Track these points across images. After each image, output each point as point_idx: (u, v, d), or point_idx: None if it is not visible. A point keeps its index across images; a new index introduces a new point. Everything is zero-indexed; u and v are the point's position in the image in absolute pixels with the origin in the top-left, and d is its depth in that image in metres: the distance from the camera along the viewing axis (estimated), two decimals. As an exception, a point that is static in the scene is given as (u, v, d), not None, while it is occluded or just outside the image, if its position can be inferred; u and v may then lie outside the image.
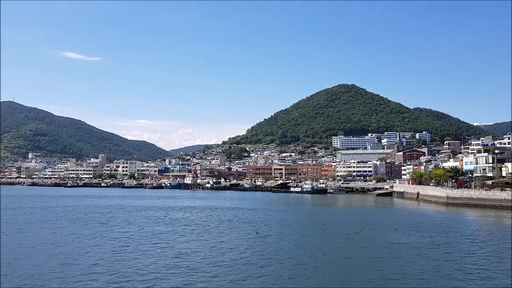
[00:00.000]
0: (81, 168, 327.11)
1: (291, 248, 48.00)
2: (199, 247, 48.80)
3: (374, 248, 48.16)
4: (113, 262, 40.24)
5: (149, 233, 59.81)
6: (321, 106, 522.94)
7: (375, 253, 44.91)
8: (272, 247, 48.78)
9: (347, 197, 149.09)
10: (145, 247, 48.20)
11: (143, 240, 53.19)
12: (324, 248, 48.30)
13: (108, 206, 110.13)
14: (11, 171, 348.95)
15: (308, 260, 41.90)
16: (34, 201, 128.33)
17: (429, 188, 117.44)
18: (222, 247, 48.89)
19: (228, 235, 58.02)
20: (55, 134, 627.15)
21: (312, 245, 50.59)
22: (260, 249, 47.18)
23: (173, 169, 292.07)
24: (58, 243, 50.77)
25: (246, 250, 46.89)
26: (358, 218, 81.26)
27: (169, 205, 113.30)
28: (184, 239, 54.33)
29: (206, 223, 71.94)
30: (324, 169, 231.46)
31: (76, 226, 67.67)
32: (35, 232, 60.20)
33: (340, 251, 46.65)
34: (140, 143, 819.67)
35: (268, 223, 71.11)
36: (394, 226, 67.31)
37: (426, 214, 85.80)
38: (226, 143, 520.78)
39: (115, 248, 47.45)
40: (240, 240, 53.96)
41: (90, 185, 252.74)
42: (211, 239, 54.84)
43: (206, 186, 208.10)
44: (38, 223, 71.08)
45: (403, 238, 55.02)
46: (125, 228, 65.27)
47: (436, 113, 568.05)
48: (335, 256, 43.94)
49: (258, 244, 50.52)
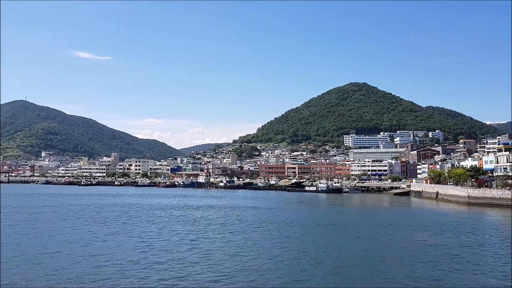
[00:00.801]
0: (94, 166, 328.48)
1: (321, 249, 47.01)
2: (224, 247, 47.96)
3: (405, 249, 46.98)
4: (139, 262, 39.57)
5: (171, 232, 59.13)
6: (332, 105, 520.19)
7: (406, 254, 43.72)
8: (301, 248, 47.79)
9: (363, 196, 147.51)
10: (169, 247, 47.48)
11: (166, 240, 52.51)
12: (354, 249, 47.15)
13: (125, 204, 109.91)
14: (24, 170, 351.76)
15: (343, 261, 40.89)
16: (51, 199, 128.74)
17: (449, 187, 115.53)
18: (248, 247, 47.99)
19: (250, 235, 57.12)
20: (67, 133, 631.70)
21: (341, 246, 49.45)
22: (288, 250, 46.15)
23: (186, 168, 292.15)
24: (82, 243, 50.26)
25: (273, 250, 45.97)
26: (379, 218, 79.94)
27: (185, 204, 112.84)
28: (208, 239, 53.49)
29: (226, 222, 71.13)
30: (338, 168, 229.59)
31: (97, 225, 67.25)
32: (57, 231, 59.82)
33: (370, 252, 45.48)
34: (150, 142, 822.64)
35: (289, 223, 70.12)
36: (418, 226, 66.04)
37: (449, 214, 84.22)
38: (237, 142, 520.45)
39: (140, 248, 46.79)
40: (265, 241, 53.00)
41: (104, 183, 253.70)
42: (235, 239, 53.94)
43: (220, 185, 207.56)
44: (59, 222, 70.79)
45: (431, 239, 53.73)
46: (146, 227, 64.68)
47: (449, 111, 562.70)
48: (367, 258, 42.78)
49: (285, 245, 49.52)
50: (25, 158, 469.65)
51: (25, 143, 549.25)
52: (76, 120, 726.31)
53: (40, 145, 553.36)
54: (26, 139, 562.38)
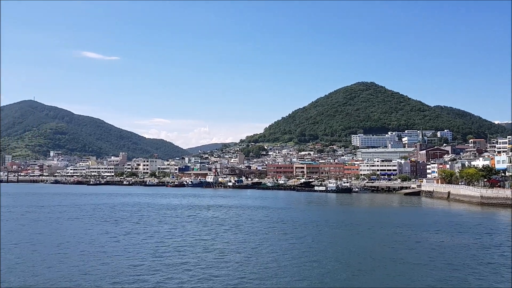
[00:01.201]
0: (102, 166, 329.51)
1: (340, 250, 46.58)
2: (240, 248, 47.64)
3: (424, 250, 46.42)
4: (155, 262, 39.33)
5: (184, 232, 58.91)
6: (339, 104, 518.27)
7: (426, 256, 43.17)
8: (319, 248, 47.42)
9: (373, 196, 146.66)
10: (185, 248, 47.20)
11: (182, 240, 52.21)
12: (373, 251, 46.57)
13: (135, 204, 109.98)
14: (33, 169, 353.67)
15: (365, 262, 40.45)
16: (61, 199, 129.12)
17: (461, 187, 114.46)
18: (265, 247, 47.63)
19: (265, 235, 56.75)
20: (75, 133, 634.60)
21: (359, 247, 48.86)
22: (308, 251, 45.75)
23: (194, 168, 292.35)
24: (98, 244, 50.13)
25: (292, 251, 45.58)
26: (393, 218, 79.20)
27: (195, 204, 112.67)
28: (224, 240, 53.19)
29: (238, 222, 70.75)
30: (347, 168, 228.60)
31: (111, 225, 67.17)
32: (72, 231, 59.80)
33: (390, 253, 44.93)
34: (157, 142, 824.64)
35: (303, 224, 69.69)
36: (433, 226, 65.37)
37: (463, 214, 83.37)
38: (244, 141, 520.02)
39: (157, 248, 46.53)
40: (282, 241, 52.57)
41: (112, 183, 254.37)
42: (251, 239, 53.61)
43: (228, 185, 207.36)
44: (73, 222, 70.83)
45: (448, 240, 53.13)
46: (159, 227, 64.45)
47: (457, 111, 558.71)
48: (388, 259, 42.26)
49: (303, 246, 49.16)
50: (34, 157, 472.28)
51: (33, 142, 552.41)
52: (84, 120, 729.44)
53: (48, 145, 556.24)
54: (34, 139, 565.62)
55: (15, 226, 64.20)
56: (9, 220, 72.21)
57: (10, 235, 54.74)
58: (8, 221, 70.73)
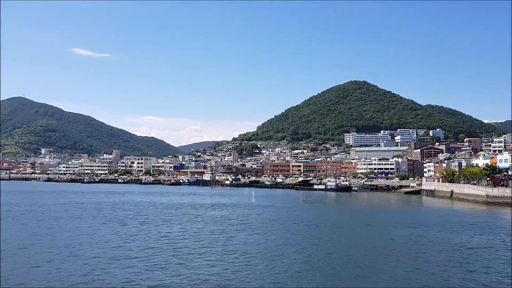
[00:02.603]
0: (95, 164, 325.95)
1: (362, 251, 45.69)
2: (261, 249, 46.51)
3: (445, 252, 45.61)
4: (183, 266, 38.14)
5: (197, 233, 57.53)
6: (332, 103, 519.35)
7: (448, 258, 42.41)
8: (342, 249, 46.49)
9: (373, 195, 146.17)
10: (204, 248, 45.99)
11: (197, 241, 50.88)
12: (397, 252, 45.70)
13: (137, 203, 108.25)
14: (25, 167, 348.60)
15: (394, 265, 39.58)
16: (58, 197, 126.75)
17: (465, 186, 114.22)
18: (287, 248, 46.59)
19: (281, 235, 55.76)
20: (65, 130, 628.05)
21: (381, 248, 47.92)
22: (333, 252, 44.81)
23: (188, 166, 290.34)
24: (110, 245, 48.70)
25: (319, 252, 44.62)
26: (403, 217, 78.47)
27: (198, 202, 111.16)
28: (239, 240, 51.94)
29: (250, 222, 69.36)
30: (344, 166, 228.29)
31: (118, 225, 65.57)
32: (80, 231, 58.22)
33: (413, 255, 44.06)
34: (149, 140, 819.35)
35: (315, 224, 68.90)
36: (447, 226, 64.67)
37: (473, 214, 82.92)
38: (237, 139, 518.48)
39: (173, 249, 45.29)
40: (303, 241, 51.62)
41: (107, 181, 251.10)
42: (267, 240, 52.55)
43: (226, 183, 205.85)
44: (77, 222, 69.14)
45: (466, 240, 52.40)
46: (169, 227, 62.99)
47: (448, 110, 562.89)
48: (415, 261, 41.39)
49: (326, 247, 48.25)
50: (24, 155, 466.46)
51: (23, 140, 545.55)
52: (75, 117, 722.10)
53: (38, 142, 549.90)
54: (24, 136, 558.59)
55: (19, 226, 62.18)
56: (11, 219, 70.28)
57: (16, 236, 53.05)
58: (11, 220, 68.85)
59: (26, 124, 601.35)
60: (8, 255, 41.38)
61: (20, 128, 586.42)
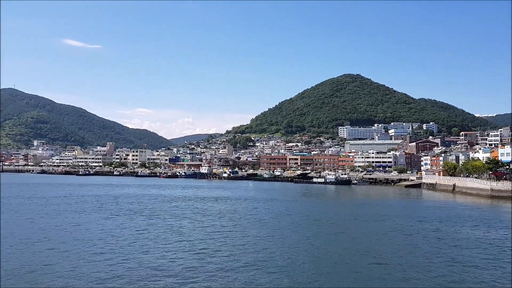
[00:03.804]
0: (89, 156, 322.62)
1: (385, 248, 44.85)
2: (285, 247, 45.47)
3: (473, 249, 44.95)
4: (209, 265, 37.01)
5: (209, 227, 56.30)
6: (326, 96, 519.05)
7: (478, 255, 41.71)
8: (367, 244, 45.61)
9: (374, 188, 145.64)
10: (220, 243, 44.91)
11: (212, 236, 49.76)
12: (420, 249, 44.94)
13: (138, 195, 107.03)
14: (18, 159, 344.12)
15: (426, 263, 38.79)
16: (56, 190, 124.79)
17: (468, 180, 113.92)
18: (309, 243, 45.66)
19: (300, 231, 54.83)
20: (57, 122, 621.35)
21: (405, 245, 47.16)
22: (366, 252, 43.88)
23: (184, 158, 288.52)
24: (123, 240, 47.40)
25: (340, 247, 43.71)
26: (412, 211, 77.91)
27: (200, 196, 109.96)
28: (255, 235, 50.88)
29: (258, 216, 68.14)
30: (341, 160, 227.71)
31: (125, 218, 64.32)
32: (87, 225, 56.84)
33: (438, 251, 43.31)
34: (141, 132, 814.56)
35: (328, 219, 68.26)
36: (459, 220, 64.03)
37: (481, 208, 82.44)
38: (230, 132, 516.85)
39: (191, 245, 44.11)
40: (323, 236, 50.71)
41: (102, 173, 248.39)
42: (287, 235, 51.63)
43: (223, 176, 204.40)
44: (84, 215, 67.73)
45: (483, 234, 51.82)
46: (179, 221, 61.63)
47: (441, 103, 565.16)
48: (441, 259, 40.62)
49: (350, 244, 47.36)
50: (15, 147, 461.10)
51: (14, 131, 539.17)
52: (66, 109, 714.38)
53: (29, 134, 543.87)
54: (15, 128, 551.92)
55: (24, 221, 60.34)
56: (14, 213, 68.63)
57: (24, 232, 51.52)
58: (13, 214, 67.18)
59: (17, 116, 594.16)
60: (19, 252, 39.98)
61: (11, 120, 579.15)
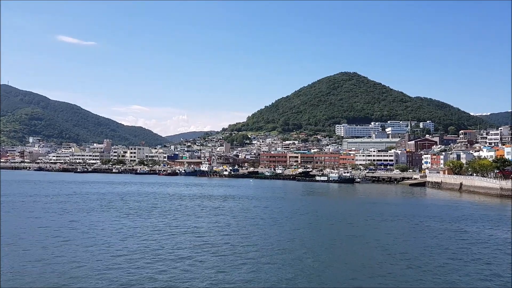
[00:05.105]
0: (87, 153, 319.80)
1: (416, 249, 43.67)
2: (304, 246, 44.16)
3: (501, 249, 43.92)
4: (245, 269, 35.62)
5: (226, 227, 54.42)
6: (323, 94, 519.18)
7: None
8: (397, 247, 44.42)
9: (377, 187, 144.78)
10: (240, 244, 43.38)
11: (232, 238, 48.01)
12: (447, 251, 43.81)
13: (142, 194, 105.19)
14: (13, 155, 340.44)
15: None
16: (58, 187, 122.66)
17: (476, 178, 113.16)
18: (328, 246, 44.42)
19: (311, 230, 53.55)
20: (51, 119, 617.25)
21: (428, 244, 46.04)
22: (385, 251, 42.68)
23: (182, 156, 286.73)
24: (138, 241, 45.87)
25: (371, 248, 42.49)
26: (424, 210, 76.57)
27: (206, 194, 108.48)
28: (275, 235, 49.48)
29: (272, 216, 66.39)
30: (342, 158, 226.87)
31: (137, 217, 62.37)
32: (101, 224, 55.07)
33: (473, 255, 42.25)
34: (136, 129, 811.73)
35: (343, 218, 66.97)
36: (479, 220, 63.00)
37: (493, 207, 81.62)
38: (227, 130, 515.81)
39: (215, 248, 42.60)
40: (348, 238, 49.44)
41: (100, 170, 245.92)
42: (302, 236, 50.27)
43: (224, 174, 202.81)
44: (92, 214, 65.81)
45: (505, 234, 50.85)
46: (193, 221, 59.81)
47: (437, 102, 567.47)
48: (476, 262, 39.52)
49: (373, 245, 46.10)
50: (10, 143, 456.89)
51: (8, 128, 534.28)
52: (60, 106, 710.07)
53: (24, 131, 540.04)
54: (9, 124, 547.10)
55: (33, 220, 58.13)
56: (21, 211, 66.67)
57: (37, 233, 49.53)
58: (20, 213, 65.22)
59: (11, 112, 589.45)
60: (40, 255, 38.41)
61: (5, 116, 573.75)
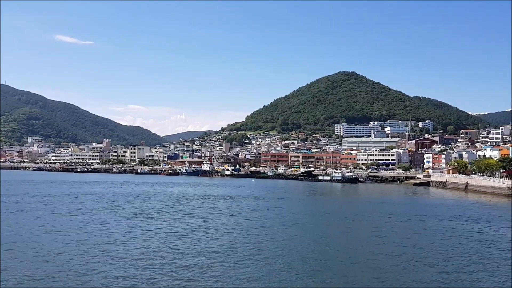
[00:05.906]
0: (86, 153, 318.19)
1: (438, 251, 43.07)
2: (324, 249, 43.53)
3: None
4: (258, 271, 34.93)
5: (240, 228, 53.57)
6: (322, 94, 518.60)
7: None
8: (421, 248, 43.80)
9: (381, 186, 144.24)
10: (257, 247, 42.70)
11: (249, 240, 47.38)
12: (468, 252, 43.20)
13: (147, 193, 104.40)
14: (12, 155, 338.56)
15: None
16: (60, 187, 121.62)
17: (482, 178, 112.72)
18: (347, 248, 43.77)
19: (327, 232, 52.94)
20: (49, 119, 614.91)
21: (449, 246, 45.47)
22: (410, 254, 42.06)
23: (183, 156, 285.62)
24: (154, 243, 45.07)
25: (394, 250, 41.87)
26: (434, 210, 75.93)
27: (210, 194, 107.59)
28: (291, 235, 48.80)
29: (282, 215, 65.92)
30: (344, 157, 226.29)
31: (147, 219, 61.51)
32: (112, 225, 54.25)
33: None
34: (134, 129, 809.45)
35: (355, 217, 66.35)
36: (493, 220, 62.53)
37: (504, 207, 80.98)
38: (226, 129, 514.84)
39: (231, 250, 41.90)
40: (367, 239, 48.81)
41: (100, 170, 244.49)
42: (318, 237, 49.61)
43: (226, 173, 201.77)
44: (100, 215, 64.94)
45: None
46: (203, 221, 58.85)
47: (435, 101, 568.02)
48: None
49: (393, 247, 45.49)
50: (8, 143, 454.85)
51: (6, 128, 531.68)
52: (58, 106, 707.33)
53: (21, 131, 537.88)
54: (7, 124, 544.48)
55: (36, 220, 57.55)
56: (30, 212, 65.69)
57: (53, 237, 48.67)
58: (30, 214, 64.25)
59: (9, 112, 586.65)
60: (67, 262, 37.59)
61: (3, 116, 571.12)
